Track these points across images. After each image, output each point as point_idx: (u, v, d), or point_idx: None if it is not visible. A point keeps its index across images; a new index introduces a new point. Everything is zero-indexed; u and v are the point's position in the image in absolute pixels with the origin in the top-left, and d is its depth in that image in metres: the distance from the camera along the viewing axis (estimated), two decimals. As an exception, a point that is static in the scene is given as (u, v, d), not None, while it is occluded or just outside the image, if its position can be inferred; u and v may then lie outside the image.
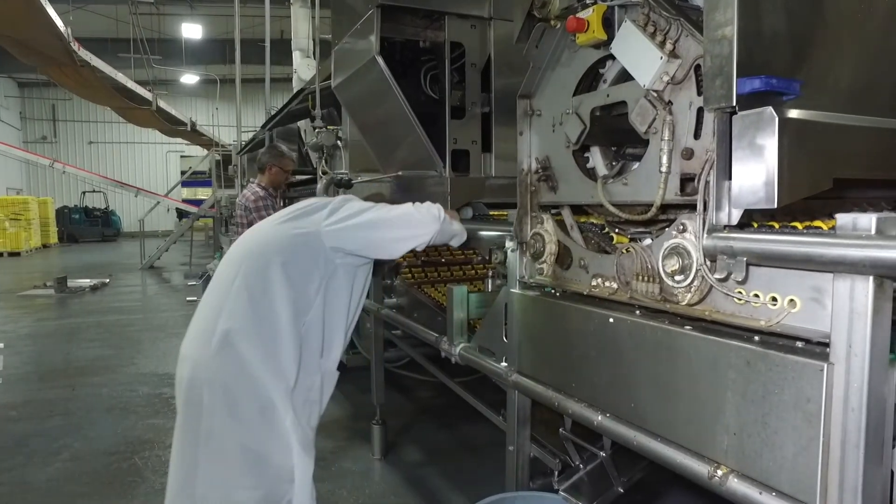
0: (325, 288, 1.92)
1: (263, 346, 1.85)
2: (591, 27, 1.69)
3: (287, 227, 1.97)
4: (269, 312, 1.85)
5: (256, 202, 4.22)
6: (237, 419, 1.85)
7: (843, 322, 1.17)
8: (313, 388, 1.95)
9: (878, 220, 1.12)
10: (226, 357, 1.84)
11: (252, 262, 1.92)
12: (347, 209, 1.98)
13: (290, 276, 1.87)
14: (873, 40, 1.57)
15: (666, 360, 1.56)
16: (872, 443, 1.17)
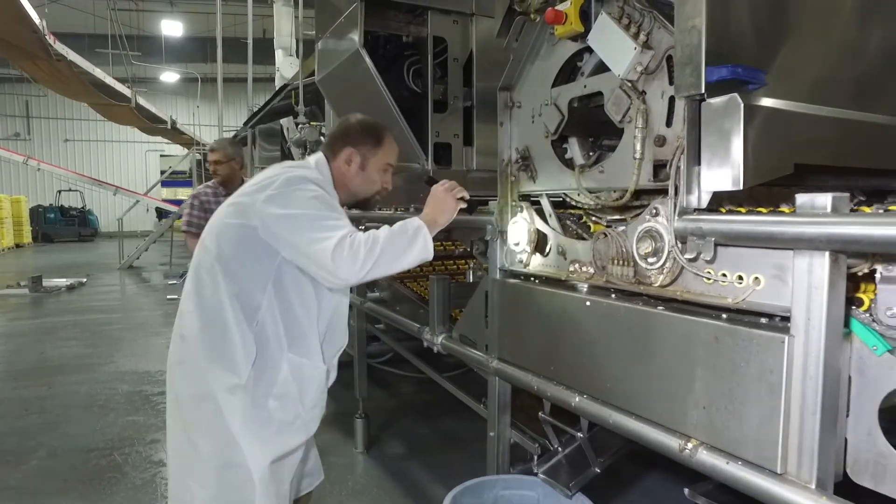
0: (276, 280, 1.75)
1: (210, 342, 1.76)
2: (569, 19, 1.75)
3: (224, 214, 1.82)
4: (216, 309, 1.75)
5: (192, 199, 3.95)
6: (182, 410, 1.84)
7: (802, 296, 1.24)
8: (277, 381, 1.78)
9: (834, 198, 1.20)
10: (178, 352, 1.84)
11: (200, 255, 1.83)
12: (283, 205, 1.70)
13: (230, 271, 1.74)
14: (838, 35, 1.66)
15: (640, 340, 1.62)
16: (828, 411, 1.24)
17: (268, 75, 14.17)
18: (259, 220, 1.71)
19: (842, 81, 1.65)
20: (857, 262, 1.28)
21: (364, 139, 1.94)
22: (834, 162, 1.57)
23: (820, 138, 1.53)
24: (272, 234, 1.70)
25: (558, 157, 1.94)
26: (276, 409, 1.79)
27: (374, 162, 1.95)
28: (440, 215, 1.87)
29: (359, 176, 1.94)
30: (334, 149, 1.94)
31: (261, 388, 1.77)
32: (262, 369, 1.76)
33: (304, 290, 1.80)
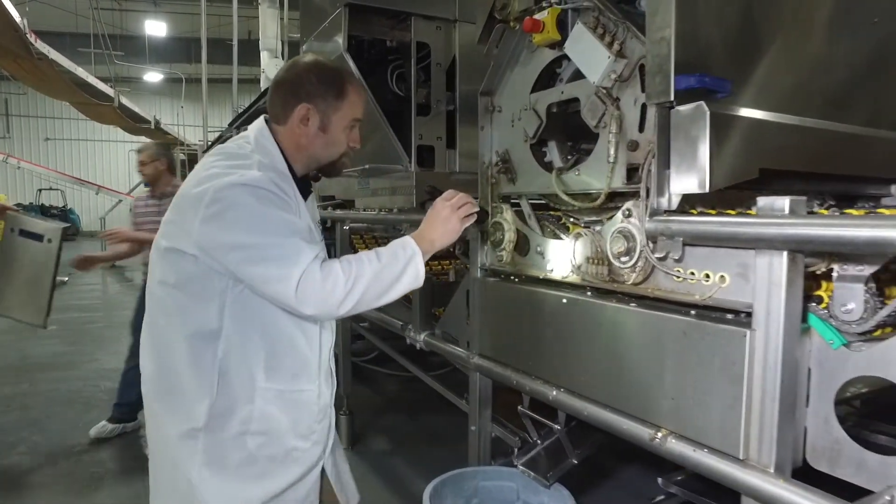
0: (235, 301, 1.44)
1: (162, 381, 1.53)
2: (547, 28, 1.82)
3: (159, 234, 1.51)
4: (166, 342, 1.50)
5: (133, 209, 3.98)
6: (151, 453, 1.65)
7: (763, 293, 1.32)
8: (254, 417, 1.49)
9: (791, 202, 1.28)
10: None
11: (148, 279, 1.58)
12: (221, 229, 1.37)
13: (176, 299, 1.46)
14: (803, 47, 1.74)
15: (614, 335, 1.69)
16: (786, 401, 1.32)
17: (253, 76, 14.13)
18: (198, 249, 1.39)
19: (807, 92, 1.74)
20: (814, 261, 1.36)
21: (322, 92, 1.53)
22: (799, 167, 1.66)
23: (785, 145, 1.62)
24: (217, 262, 1.40)
25: (537, 160, 2.01)
26: (262, 446, 1.52)
27: (336, 119, 1.55)
28: (440, 238, 1.59)
29: (319, 138, 1.55)
30: (284, 108, 1.54)
31: (232, 427, 1.49)
32: (230, 407, 1.48)
33: (272, 308, 1.47)
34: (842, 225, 1.15)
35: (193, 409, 1.47)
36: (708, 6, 1.50)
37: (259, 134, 1.54)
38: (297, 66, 1.58)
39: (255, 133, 1.55)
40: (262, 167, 1.45)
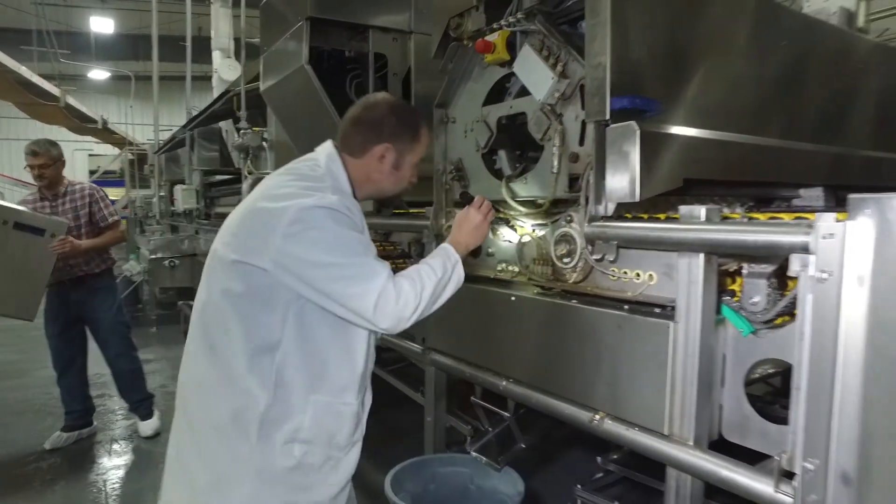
0: (297, 316, 1.48)
1: (219, 388, 1.52)
2: (497, 49, 1.99)
3: (222, 249, 1.53)
4: (226, 353, 1.51)
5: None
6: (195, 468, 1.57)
7: (683, 289, 1.51)
8: (304, 426, 1.52)
9: (707, 210, 1.47)
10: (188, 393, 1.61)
11: (203, 292, 1.58)
12: (301, 246, 1.43)
13: (241, 309, 1.48)
14: (723, 70, 1.95)
15: (557, 329, 1.87)
16: (704, 382, 1.51)
17: (203, 73, 13.90)
18: (272, 264, 1.43)
19: (728, 109, 1.95)
20: (727, 260, 1.57)
21: (401, 133, 1.62)
22: (721, 176, 1.87)
23: (707, 157, 1.82)
24: (293, 277, 1.43)
25: (488, 169, 2.17)
26: (306, 454, 1.54)
27: (409, 158, 1.66)
28: (473, 242, 1.72)
29: (392, 175, 1.64)
30: (363, 145, 1.61)
31: (283, 436, 1.51)
32: (283, 416, 1.51)
33: (336, 321, 1.51)
34: (745, 231, 1.35)
35: (250, 415, 1.48)
36: (639, 35, 1.69)
37: (330, 160, 1.61)
38: (378, 107, 1.65)
39: (326, 159, 1.61)
40: (335, 191, 1.53)
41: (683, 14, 1.81)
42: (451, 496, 2.36)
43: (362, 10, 2.93)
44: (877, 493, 1.22)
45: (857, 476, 1.26)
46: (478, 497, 2.35)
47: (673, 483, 1.60)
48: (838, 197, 2.30)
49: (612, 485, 2.14)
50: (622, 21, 1.63)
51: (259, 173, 4.41)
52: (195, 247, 7.07)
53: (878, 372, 1.21)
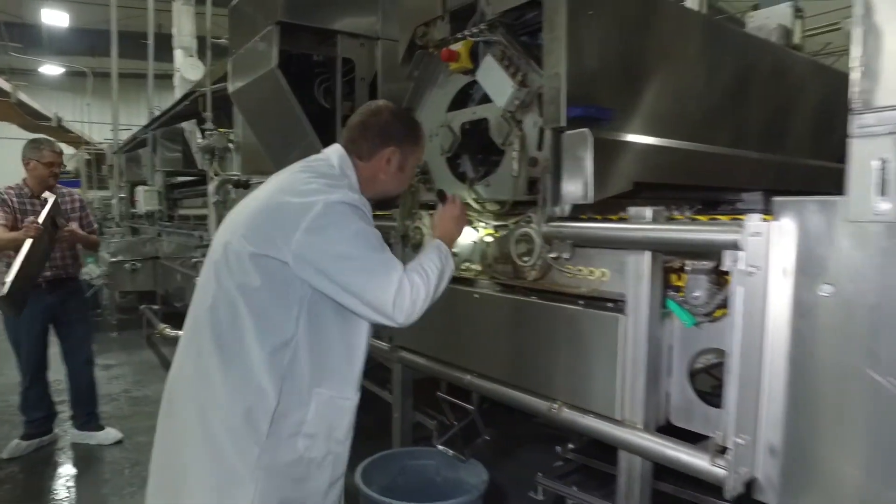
0: (309, 312, 1.53)
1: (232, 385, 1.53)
2: (461, 58, 2.09)
3: (240, 242, 1.55)
4: (237, 346, 1.53)
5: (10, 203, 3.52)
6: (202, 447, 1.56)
7: (632, 285, 1.64)
8: (307, 420, 1.56)
9: (654, 211, 1.60)
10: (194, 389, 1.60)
11: (212, 285, 1.60)
12: (324, 239, 1.49)
13: (256, 303, 1.52)
14: (674, 83, 2.09)
15: (517, 324, 1.98)
16: (651, 371, 1.64)
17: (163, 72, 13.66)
18: (293, 257, 1.48)
19: (676, 119, 2.09)
20: (672, 258, 1.70)
21: (406, 137, 1.72)
22: (669, 181, 2.01)
23: (655, 163, 1.95)
24: (313, 270, 1.48)
25: (452, 172, 2.27)
26: (308, 448, 1.58)
27: (411, 161, 1.77)
28: (457, 234, 1.83)
29: (396, 176, 1.73)
30: (371, 147, 1.69)
31: (288, 428, 1.55)
32: (289, 410, 1.54)
33: (343, 317, 1.58)
34: (685, 230, 1.48)
35: (262, 410, 1.51)
36: (594, 49, 1.82)
37: (342, 162, 1.68)
38: (383, 113, 1.73)
39: (339, 160, 1.68)
40: (352, 189, 1.62)
41: (635, 30, 1.94)
42: (419, 488, 2.44)
43: (331, 15, 3.00)
44: (800, 463, 1.37)
45: (782, 449, 1.40)
46: (444, 488, 2.44)
47: (624, 465, 1.73)
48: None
49: (571, 473, 2.26)
50: (577, 35, 1.75)
51: (225, 175, 4.41)
52: (157, 249, 6.98)
53: (801, 355, 1.35)
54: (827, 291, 1.31)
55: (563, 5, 1.72)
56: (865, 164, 1.21)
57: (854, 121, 1.23)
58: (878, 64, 1.19)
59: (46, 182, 3.66)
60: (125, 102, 19.69)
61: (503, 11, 1.97)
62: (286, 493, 1.57)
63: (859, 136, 1.22)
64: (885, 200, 1.19)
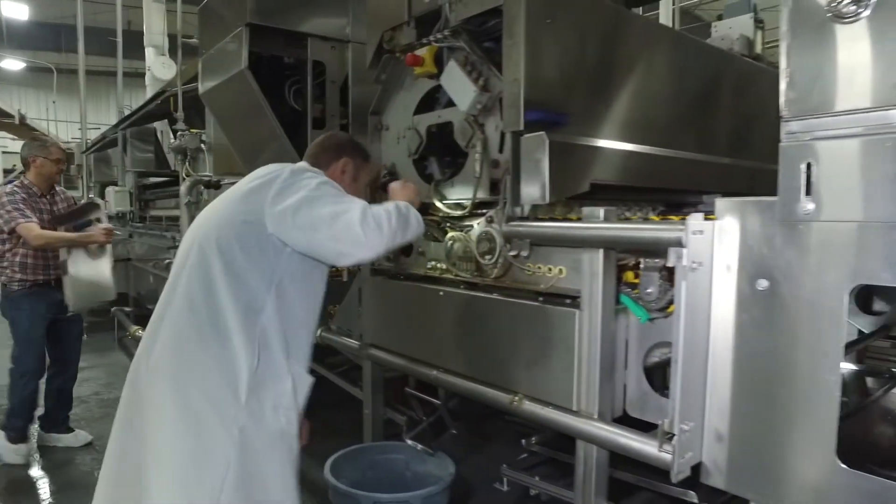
0: (280, 281, 1.65)
1: (208, 350, 1.61)
2: (426, 63, 2.15)
3: (235, 211, 1.70)
4: (214, 313, 1.61)
5: (0, 198, 3.41)
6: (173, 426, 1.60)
7: (587, 281, 1.72)
8: (285, 393, 1.66)
9: (605, 210, 1.68)
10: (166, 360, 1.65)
11: (191, 258, 1.69)
12: (294, 192, 1.64)
13: (235, 271, 1.62)
14: (629, 89, 2.18)
15: (480, 320, 2.05)
16: (606, 364, 1.72)
17: (133, 69, 13.45)
18: (270, 217, 1.63)
19: (631, 124, 2.17)
20: (625, 256, 1.79)
21: (355, 153, 1.99)
22: (623, 182, 2.09)
23: (610, 165, 2.04)
24: (285, 227, 1.62)
25: (419, 173, 2.33)
26: (288, 422, 1.67)
27: (363, 175, 2.01)
28: (410, 196, 1.95)
29: (351, 187, 1.88)
30: (328, 160, 1.93)
31: (269, 399, 1.63)
32: (267, 380, 1.63)
33: (309, 286, 1.73)
34: (633, 229, 1.57)
35: (240, 373, 1.59)
36: (551, 55, 1.89)
37: (308, 169, 1.83)
38: (338, 137, 2.09)
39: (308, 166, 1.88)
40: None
41: (592, 38, 2.02)
42: (388, 481, 2.50)
43: (301, 18, 3.04)
44: (745, 448, 1.46)
45: (729, 434, 1.49)
46: (413, 481, 2.50)
47: (581, 454, 1.81)
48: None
49: (536, 465, 2.35)
50: (536, 43, 1.83)
51: (198, 176, 4.41)
52: (129, 251, 6.91)
53: (744, 345, 1.44)
54: (763, 286, 1.41)
55: (522, 14, 1.79)
56: (794, 168, 1.31)
57: (783, 128, 1.32)
58: (801, 76, 1.28)
59: (53, 179, 3.67)
60: (94, 100, 19.39)
61: (466, 18, 2.03)
62: (261, 466, 1.62)
63: (787, 142, 1.31)
64: (811, 201, 1.28)
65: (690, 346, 1.46)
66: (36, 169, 3.58)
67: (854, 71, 1.23)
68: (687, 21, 12.59)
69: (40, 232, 3.37)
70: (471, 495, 2.79)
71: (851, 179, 1.24)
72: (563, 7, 1.91)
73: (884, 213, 1.20)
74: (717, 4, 11.26)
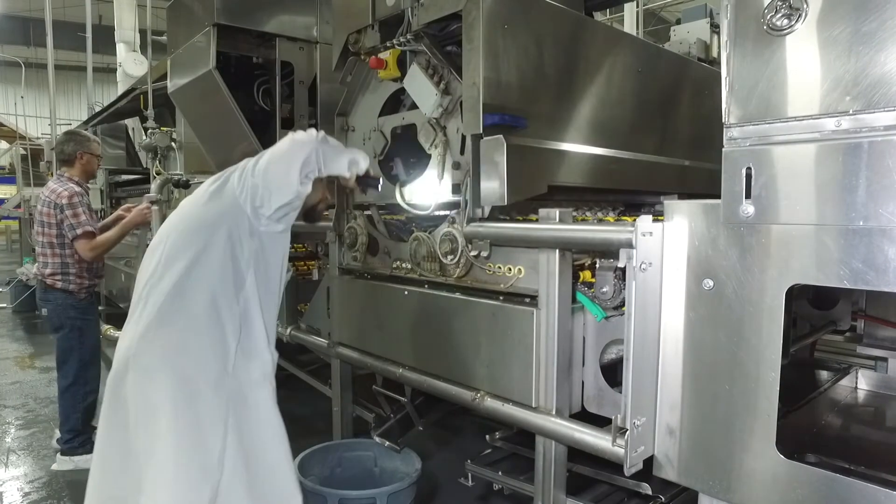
0: (255, 260, 1.76)
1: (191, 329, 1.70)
2: (389, 66, 2.18)
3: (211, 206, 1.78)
4: (195, 293, 1.70)
5: (72, 199, 3.28)
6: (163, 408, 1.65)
7: (544, 281, 1.77)
8: (268, 364, 1.80)
9: (560, 212, 1.73)
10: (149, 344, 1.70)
11: (172, 245, 1.77)
12: (250, 167, 1.75)
13: (214, 253, 1.72)
14: (586, 93, 2.23)
15: (443, 319, 2.09)
16: (563, 361, 1.77)
17: (104, 65, 13.21)
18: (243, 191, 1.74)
19: (588, 127, 2.22)
20: (581, 256, 1.84)
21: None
22: (580, 184, 2.14)
23: (567, 168, 2.09)
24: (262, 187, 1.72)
25: (384, 174, 2.36)
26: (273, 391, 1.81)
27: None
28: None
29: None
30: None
31: (255, 370, 1.76)
32: (251, 352, 1.76)
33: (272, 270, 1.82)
34: (586, 231, 1.62)
35: (229, 347, 1.71)
36: (509, 60, 1.93)
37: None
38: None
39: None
40: None
41: (550, 43, 2.07)
42: (357, 478, 2.53)
43: (269, 19, 3.05)
44: (696, 441, 1.52)
45: (679, 429, 1.55)
46: (381, 478, 2.54)
47: (541, 448, 1.86)
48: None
49: (499, 460, 2.39)
50: (494, 48, 1.87)
51: (168, 174, 4.38)
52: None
53: (693, 342, 1.50)
54: (709, 286, 1.46)
55: (480, 20, 1.83)
56: (735, 173, 1.36)
57: (726, 133, 1.38)
58: (741, 85, 1.34)
59: (94, 175, 3.57)
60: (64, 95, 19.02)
61: (427, 23, 2.06)
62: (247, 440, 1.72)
63: (729, 147, 1.37)
64: (751, 204, 1.34)
65: (641, 344, 1.51)
66: (82, 166, 3.42)
67: (789, 81, 1.29)
68: (652, 22, 12.79)
69: (93, 244, 3.25)
70: (437, 490, 2.83)
71: (788, 184, 1.30)
72: (521, 13, 1.95)
73: (815, 217, 1.26)
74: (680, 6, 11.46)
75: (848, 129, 1.21)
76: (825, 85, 1.24)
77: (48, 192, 3.33)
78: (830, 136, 1.23)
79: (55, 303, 3.33)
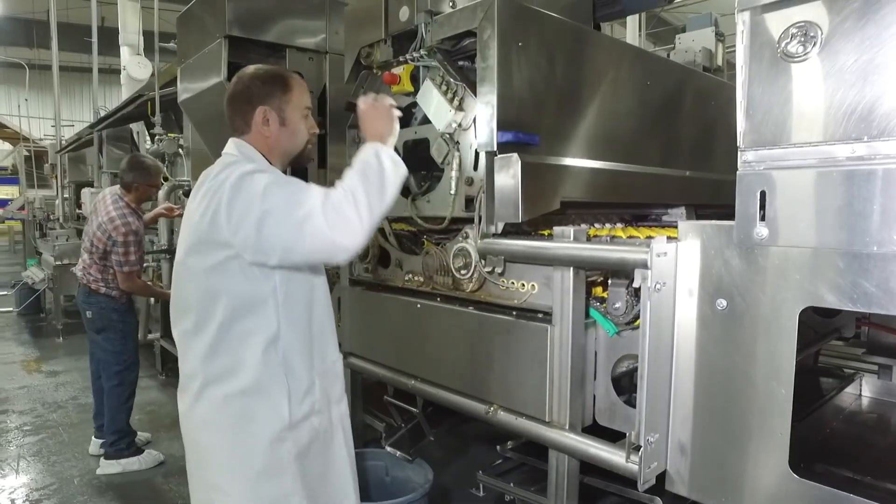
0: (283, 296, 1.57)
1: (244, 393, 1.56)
2: (402, 81, 2.20)
3: (197, 265, 1.56)
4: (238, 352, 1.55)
5: (126, 237, 3.33)
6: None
7: (558, 298, 1.79)
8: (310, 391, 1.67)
9: (575, 231, 1.75)
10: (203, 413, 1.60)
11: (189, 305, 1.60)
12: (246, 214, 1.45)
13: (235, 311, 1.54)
14: (598, 109, 2.24)
15: (456, 332, 2.11)
16: (576, 376, 1.79)
17: (108, 66, 13.21)
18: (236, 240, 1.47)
19: (600, 142, 2.24)
20: (593, 273, 1.86)
21: (269, 91, 1.64)
22: (592, 199, 2.16)
23: (580, 183, 2.11)
24: (253, 245, 1.45)
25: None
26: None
27: (290, 111, 1.67)
28: (383, 128, 1.64)
29: (283, 132, 1.66)
30: (244, 118, 1.65)
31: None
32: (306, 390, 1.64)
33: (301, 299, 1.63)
34: (601, 250, 1.64)
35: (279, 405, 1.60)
36: (524, 78, 1.95)
37: (238, 147, 1.65)
38: (241, 79, 1.68)
39: (235, 147, 1.65)
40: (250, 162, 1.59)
41: (561, 60, 2.08)
42: (369, 487, 2.55)
43: (279, 30, 3.06)
44: (706, 458, 1.54)
45: (691, 445, 1.57)
46: (393, 487, 2.55)
47: (554, 462, 1.88)
48: (698, 214, 2.69)
49: (510, 470, 2.41)
50: (508, 65, 1.89)
51: (175, 180, 4.41)
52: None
53: (705, 361, 1.52)
54: (722, 306, 1.49)
55: (495, 38, 1.85)
56: (750, 196, 1.38)
57: (740, 156, 1.40)
58: (756, 109, 1.36)
59: (149, 200, 3.74)
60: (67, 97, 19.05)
61: (441, 39, 2.08)
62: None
63: (744, 170, 1.39)
64: (765, 227, 1.36)
65: (655, 363, 1.53)
66: (138, 195, 3.56)
67: (804, 106, 1.31)
68: (652, 23, 12.79)
69: (131, 283, 3.41)
70: (449, 501, 2.85)
71: (802, 208, 1.32)
72: (534, 31, 1.97)
73: (830, 240, 1.28)
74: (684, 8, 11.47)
75: (863, 155, 1.23)
76: (840, 112, 1.26)
77: (105, 216, 3.39)
78: (845, 162, 1.25)
79: (98, 306, 3.45)
